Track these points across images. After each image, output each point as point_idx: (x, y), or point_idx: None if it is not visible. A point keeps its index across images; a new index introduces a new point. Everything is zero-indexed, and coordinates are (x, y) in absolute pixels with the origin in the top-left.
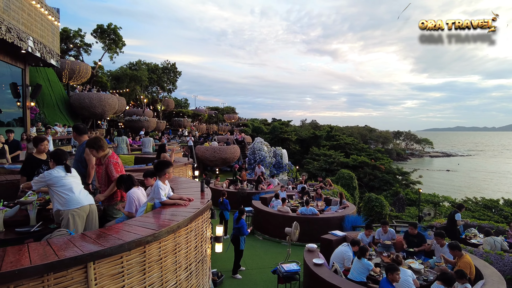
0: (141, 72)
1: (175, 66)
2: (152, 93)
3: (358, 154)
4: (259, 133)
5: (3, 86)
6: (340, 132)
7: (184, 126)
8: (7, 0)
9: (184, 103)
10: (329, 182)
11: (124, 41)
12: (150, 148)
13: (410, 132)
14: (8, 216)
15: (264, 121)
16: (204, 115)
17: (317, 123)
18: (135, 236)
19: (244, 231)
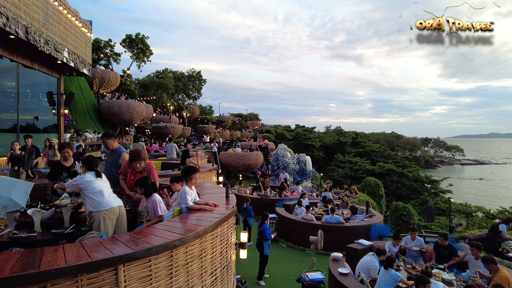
0: (167, 80)
1: (200, 74)
2: (178, 100)
3: (385, 162)
4: (282, 139)
5: (40, 95)
6: (365, 138)
7: (208, 133)
8: (46, 15)
9: (209, 110)
10: (354, 190)
11: (151, 50)
12: (174, 154)
13: (439, 139)
14: (45, 217)
15: (287, 127)
16: (228, 122)
17: (342, 130)
18: (163, 240)
19: (267, 235)
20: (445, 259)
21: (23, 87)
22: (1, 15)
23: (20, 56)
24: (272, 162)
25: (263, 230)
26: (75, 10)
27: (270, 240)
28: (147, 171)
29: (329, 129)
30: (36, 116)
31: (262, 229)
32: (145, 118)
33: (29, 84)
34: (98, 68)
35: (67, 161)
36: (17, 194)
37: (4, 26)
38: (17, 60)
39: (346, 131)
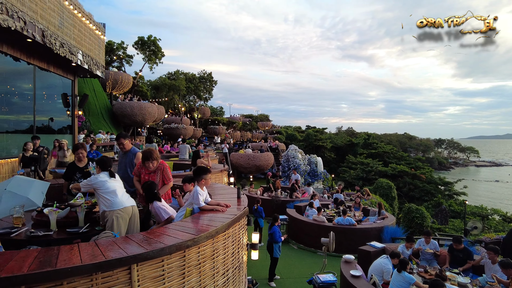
0: (179, 81)
1: (211, 75)
2: (189, 101)
3: (397, 163)
4: (293, 140)
5: (55, 97)
6: (378, 139)
7: (219, 134)
8: (62, 18)
9: (220, 111)
10: (366, 192)
11: (163, 52)
12: (187, 155)
13: (453, 140)
14: (60, 217)
15: (298, 128)
16: (239, 123)
17: (353, 130)
18: (175, 240)
19: (276, 238)
20: (460, 262)
21: (39, 89)
22: (19, 19)
23: (36, 59)
24: (282, 163)
25: (272, 233)
26: (89, 13)
27: (280, 242)
28: (161, 171)
29: (341, 130)
30: (51, 117)
31: (272, 232)
32: (157, 119)
33: (44, 86)
34: (111, 70)
35: (81, 162)
36: (34, 194)
37: (21, 30)
38: (34, 63)
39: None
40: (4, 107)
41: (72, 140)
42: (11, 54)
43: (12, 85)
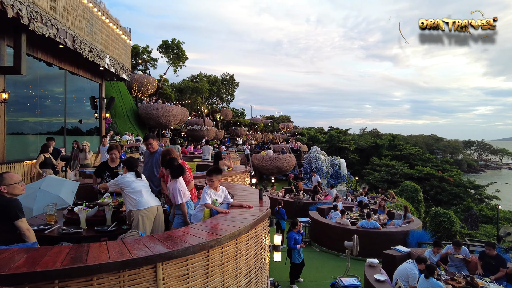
0: (202, 84)
1: (233, 77)
2: (212, 103)
3: (424, 165)
4: (315, 142)
5: (84, 99)
6: (403, 141)
7: (241, 135)
8: (91, 24)
9: (241, 112)
10: (391, 195)
11: (186, 55)
12: (209, 156)
13: (484, 142)
14: (89, 215)
15: (320, 129)
16: (260, 124)
17: (378, 132)
18: (199, 240)
19: (290, 244)
20: (492, 270)
21: (69, 93)
22: (52, 26)
23: (67, 64)
24: (305, 165)
25: (287, 238)
26: (116, 18)
27: (296, 248)
28: None
29: (365, 131)
30: (80, 119)
31: (287, 237)
32: (180, 121)
33: (74, 90)
34: (136, 73)
35: (113, 162)
36: (65, 193)
37: (54, 37)
38: (65, 67)
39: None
40: (38, 110)
41: (100, 141)
42: (44, 60)
43: (45, 89)
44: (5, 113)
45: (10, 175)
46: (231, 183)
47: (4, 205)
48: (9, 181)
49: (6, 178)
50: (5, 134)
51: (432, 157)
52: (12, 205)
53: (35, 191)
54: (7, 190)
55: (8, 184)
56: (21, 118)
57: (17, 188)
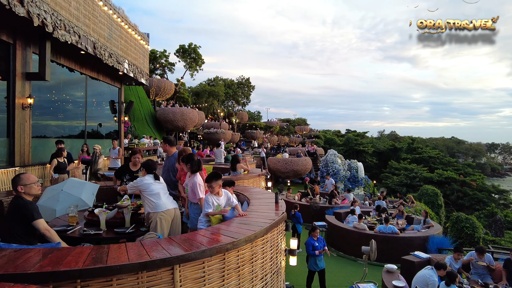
0: (218, 87)
1: (249, 80)
2: (228, 107)
3: (444, 169)
4: (332, 145)
5: (104, 103)
6: (422, 144)
7: (256, 138)
8: (110, 30)
9: (257, 115)
10: (410, 199)
11: (203, 59)
12: (222, 159)
13: (509, 144)
14: (109, 217)
15: (337, 132)
16: (276, 127)
17: (396, 134)
18: (216, 243)
19: (308, 250)
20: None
21: (89, 97)
22: (74, 34)
23: (88, 69)
24: (321, 168)
25: (305, 245)
26: (135, 24)
27: (314, 255)
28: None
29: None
30: (100, 123)
31: (305, 244)
32: (197, 124)
33: (94, 94)
34: (154, 78)
35: (135, 166)
36: (86, 195)
37: (76, 44)
38: (86, 72)
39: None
40: (60, 114)
41: (119, 144)
42: (67, 66)
43: (67, 93)
44: (30, 117)
45: (27, 175)
46: (247, 186)
47: (20, 206)
48: (26, 181)
49: (23, 178)
50: (30, 137)
51: (453, 160)
52: (28, 207)
53: (58, 192)
54: (24, 190)
55: (25, 184)
56: (45, 121)
57: (33, 188)
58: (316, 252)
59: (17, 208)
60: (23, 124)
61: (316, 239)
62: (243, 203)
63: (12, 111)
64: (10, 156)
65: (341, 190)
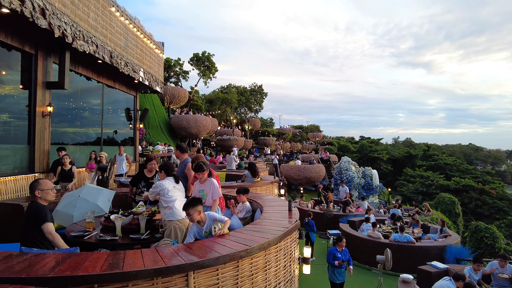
0: (231, 95)
1: (261, 87)
2: (240, 113)
3: (461, 176)
4: (346, 152)
5: (119, 111)
6: (438, 151)
7: (269, 145)
8: (126, 40)
9: (269, 122)
10: (426, 207)
11: (216, 67)
12: (233, 165)
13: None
14: (124, 223)
15: (351, 139)
16: (289, 134)
17: (411, 141)
18: (229, 250)
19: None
20: None
21: (105, 104)
22: (92, 43)
23: (104, 78)
24: (335, 176)
25: (327, 253)
26: (150, 33)
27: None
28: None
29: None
30: (115, 130)
31: (327, 252)
32: (210, 131)
33: (110, 102)
34: (169, 86)
35: (150, 173)
36: (102, 201)
37: (94, 53)
38: (102, 81)
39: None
40: (77, 121)
41: (134, 151)
42: (84, 74)
43: (84, 101)
44: (49, 125)
45: (44, 181)
46: (260, 193)
47: (35, 210)
48: (44, 186)
49: (41, 183)
50: (49, 144)
51: (470, 167)
52: (41, 211)
53: (75, 199)
54: (41, 195)
55: (42, 189)
56: (62, 129)
57: (49, 194)
58: (336, 262)
59: (32, 212)
60: (43, 131)
61: (341, 250)
62: (256, 211)
63: (32, 119)
64: (30, 163)
65: (355, 198)
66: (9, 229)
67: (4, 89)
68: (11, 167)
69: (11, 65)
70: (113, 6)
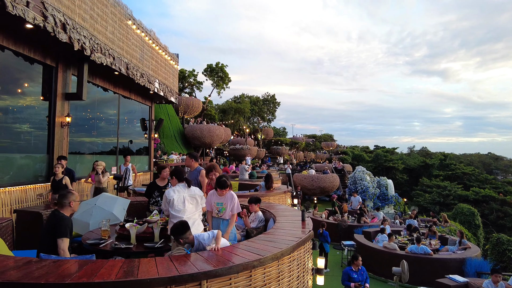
0: (244, 104)
1: (274, 97)
2: (253, 123)
3: (481, 187)
4: (360, 161)
5: (135, 121)
6: (456, 160)
7: (282, 154)
8: (142, 52)
9: (282, 131)
10: (444, 218)
11: (230, 77)
12: (246, 175)
13: None
14: (139, 232)
15: (365, 148)
16: (302, 143)
17: (427, 150)
18: (242, 260)
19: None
20: None
21: (121, 115)
22: (109, 56)
23: (121, 89)
24: (349, 186)
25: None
26: (165, 45)
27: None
28: None
29: (413, 150)
30: (130, 139)
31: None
32: (223, 140)
33: (126, 112)
34: (183, 96)
35: (163, 181)
36: (118, 210)
37: (111, 65)
38: (119, 92)
39: (432, 152)
40: (94, 131)
41: (148, 160)
42: (101, 86)
43: (101, 111)
44: (67, 135)
45: (76, 193)
46: (272, 203)
47: (59, 219)
48: (76, 198)
49: (75, 195)
50: (67, 154)
51: (490, 177)
52: (65, 223)
53: (92, 207)
54: (73, 205)
55: (75, 200)
56: (79, 138)
57: (76, 205)
58: (352, 285)
59: (56, 222)
60: (61, 141)
61: (357, 270)
62: (269, 220)
63: (52, 129)
64: (49, 171)
65: (370, 208)
66: (28, 237)
67: (26, 101)
68: (31, 176)
69: (33, 78)
70: (130, 19)
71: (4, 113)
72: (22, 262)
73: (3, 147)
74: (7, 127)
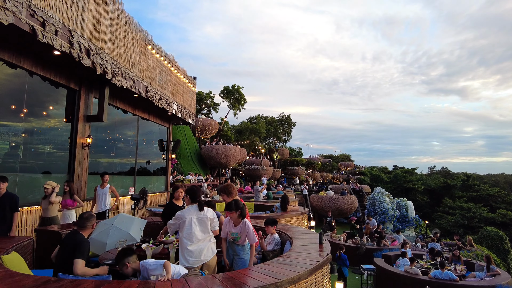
0: (259, 125)
1: (289, 117)
2: (269, 143)
3: (508, 208)
4: (379, 182)
5: (153, 142)
6: (479, 181)
7: (298, 175)
8: (161, 75)
9: (298, 152)
10: (469, 241)
11: (245, 98)
12: (261, 196)
13: None
14: (155, 253)
15: (384, 169)
16: (318, 164)
17: (448, 171)
18: (258, 283)
19: None
20: None
21: (140, 136)
22: (130, 79)
23: (140, 111)
24: (368, 207)
25: None
26: (183, 69)
27: None
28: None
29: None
30: (148, 160)
31: None
32: (239, 160)
33: (144, 133)
34: (200, 117)
35: (179, 201)
36: (134, 230)
37: (131, 88)
38: (138, 114)
39: (453, 172)
40: (113, 151)
41: (165, 181)
42: (121, 108)
43: (120, 133)
44: (87, 155)
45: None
46: (289, 225)
47: (80, 241)
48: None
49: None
50: (87, 174)
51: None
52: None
53: (109, 227)
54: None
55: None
56: (99, 159)
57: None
58: None
59: (77, 243)
60: (82, 161)
61: None
62: (285, 243)
63: (73, 150)
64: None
65: (390, 230)
66: (46, 256)
67: (50, 123)
68: None
69: (58, 100)
70: (150, 44)
71: (29, 134)
72: (40, 282)
73: (27, 167)
74: (31, 148)
